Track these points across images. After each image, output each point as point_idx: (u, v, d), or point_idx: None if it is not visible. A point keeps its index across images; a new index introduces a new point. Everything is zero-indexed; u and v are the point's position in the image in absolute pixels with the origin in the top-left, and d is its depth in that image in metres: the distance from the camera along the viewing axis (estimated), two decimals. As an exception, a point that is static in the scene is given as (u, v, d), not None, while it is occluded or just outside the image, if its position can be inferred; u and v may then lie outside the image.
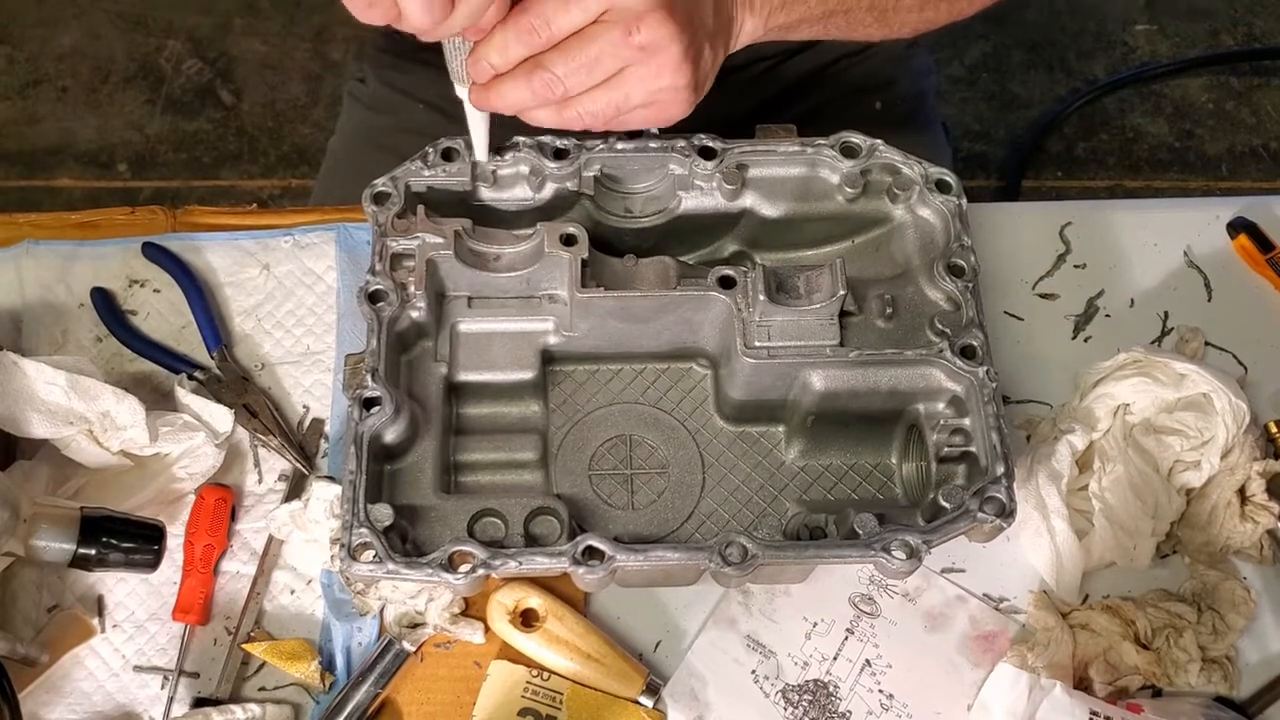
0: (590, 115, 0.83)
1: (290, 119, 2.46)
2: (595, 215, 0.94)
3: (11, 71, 2.49)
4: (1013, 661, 0.92)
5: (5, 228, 1.11)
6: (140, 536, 0.88)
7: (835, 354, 0.87)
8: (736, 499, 0.92)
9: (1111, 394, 1.00)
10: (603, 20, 0.79)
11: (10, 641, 0.86)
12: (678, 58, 0.81)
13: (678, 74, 0.81)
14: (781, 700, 0.93)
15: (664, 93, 0.82)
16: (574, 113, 0.83)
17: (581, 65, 0.80)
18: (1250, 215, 1.13)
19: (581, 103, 0.82)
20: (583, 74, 0.80)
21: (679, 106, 0.84)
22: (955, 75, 2.52)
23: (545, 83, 0.80)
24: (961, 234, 0.91)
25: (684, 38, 0.80)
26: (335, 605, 0.94)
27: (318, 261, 1.10)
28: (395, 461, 0.86)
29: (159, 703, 0.92)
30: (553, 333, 0.93)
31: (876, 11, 0.98)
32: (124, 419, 0.93)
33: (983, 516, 0.81)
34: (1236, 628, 0.94)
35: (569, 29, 0.79)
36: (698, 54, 0.83)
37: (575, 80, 0.80)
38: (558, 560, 0.79)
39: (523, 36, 0.79)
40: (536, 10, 0.78)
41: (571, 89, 0.81)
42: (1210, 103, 2.51)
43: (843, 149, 0.93)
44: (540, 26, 0.78)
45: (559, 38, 0.79)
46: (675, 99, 0.83)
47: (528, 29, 0.78)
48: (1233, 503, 0.97)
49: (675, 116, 0.86)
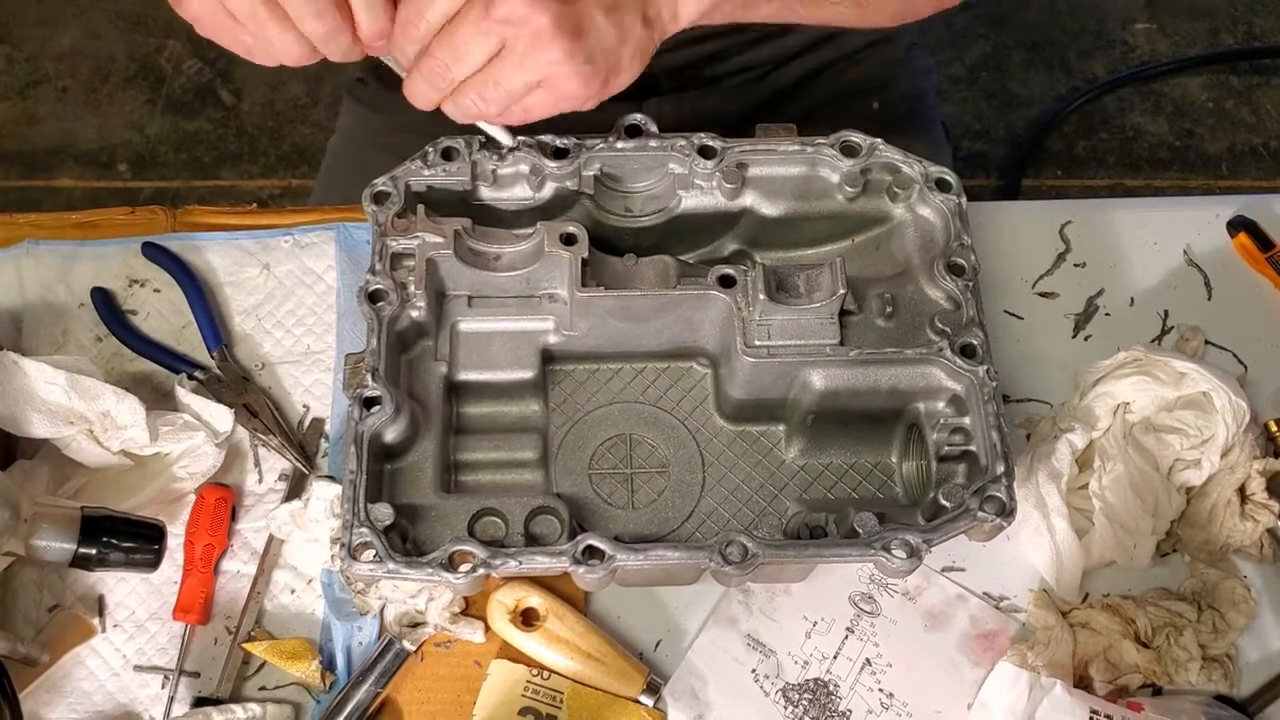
0: (484, 101, 0.80)
1: (290, 119, 2.46)
2: (595, 214, 0.94)
3: (11, 71, 2.49)
4: (1013, 660, 0.92)
5: (5, 228, 1.11)
6: (140, 536, 0.88)
7: (835, 353, 0.87)
8: (736, 498, 0.92)
9: (1111, 393, 1.00)
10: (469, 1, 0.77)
11: (11, 641, 0.86)
12: (548, 28, 0.76)
13: (553, 46, 0.77)
14: (782, 699, 0.93)
15: (550, 67, 0.78)
16: (468, 100, 0.80)
17: (455, 50, 0.77)
18: (1250, 214, 1.13)
19: (472, 88, 0.79)
20: (460, 59, 0.78)
21: (570, 83, 0.79)
22: (955, 75, 2.52)
23: (432, 71, 0.79)
24: (961, 233, 0.91)
25: (550, 7, 0.76)
26: (335, 605, 0.94)
27: (318, 261, 1.10)
28: (395, 461, 0.86)
29: (159, 702, 0.92)
30: (553, 332, 0.93)
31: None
32: (124, 419, 0.93)
33: (983, 515, 0.81)
34: (1237, 626, 0.94)
35: (442, 17, 0.77)
36: (575, 24, 0.77)
37: (457, 67, 0.78)
38: (558, 560, 0.79)
39: (406, 31, 0.78)
40: (411, 3, 0.77)
41: (456, 75, 0.79)
42: (1210, 101, 2.51)
43: (843, 148, 0.93)
44: (415, 19, 0.77)
45: (437, 26, 0.78)
46: (565, 73, 0.78)
47: (405, 23, 0.78)
48: (1233, 501, 0.97)
49: (578, 95, 0.81)
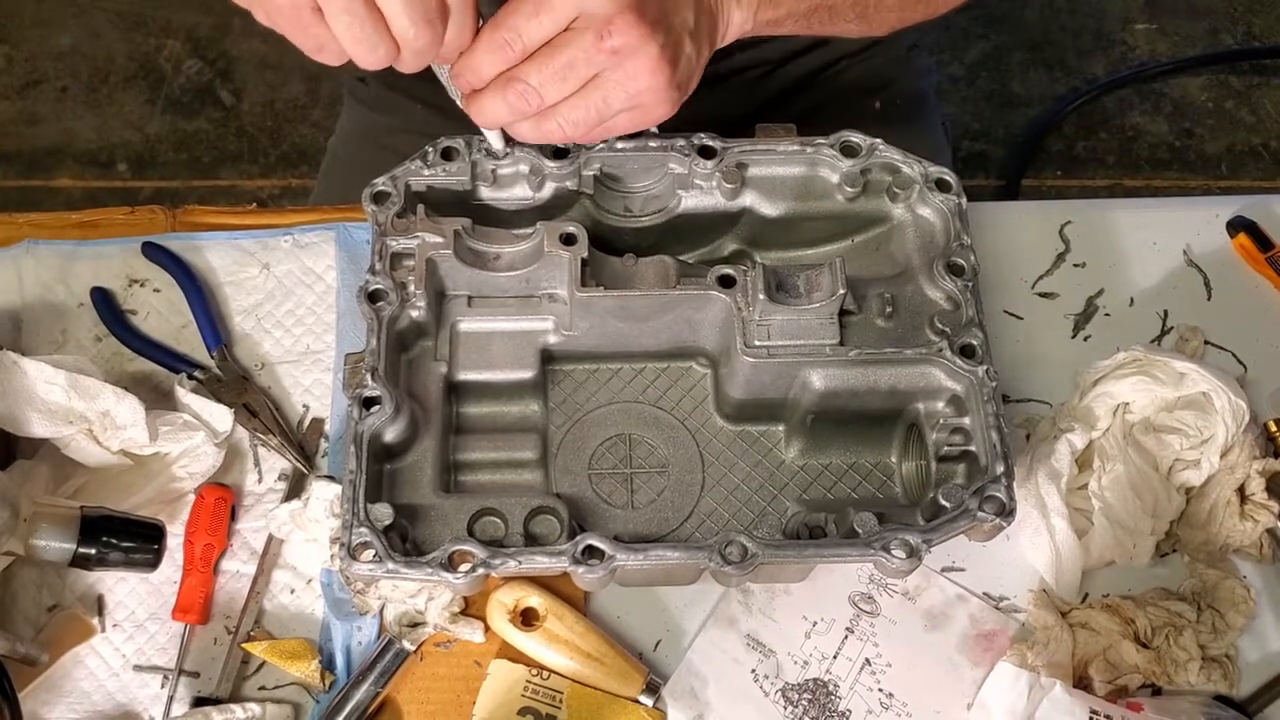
0: (571, 124, 0.81)
1: (290, 119, 2.46)
2: (595, 214, 0.94)
3: (11, 71, 2.49)
4: (1012, 660, 0.92)
5: (5, 228, 1.11)
6: (140, 536, 0.88)
7: (835, 353, 0.87)
8: (736, 498, 0.92)
9: (1111, 393, 1.00)
10: (574, 27, 0.78)
11: (10, 641, 0.86)
12: (654, 59, 0.79)
13: (655, 75, 0.80)
14: (781, 699, 0.93)
15: (644, 95, 0.81)
16: (554, 124, 0.81)
17: (554, 74, 0.78)
18: (1250, 214, 1.14)
19: (560, 112, 0.81)
20: (557, 83, 0.79)
21: (662, 108, 0.83)
22: (955, 75, 2.53)
23: (520, 94, 0.79)
24: (961, 233, 0.91)
25: (658, 37, 0.79)
26: (335, 604, 0.94)
27: (317, 261, 1.10)
28: (395, 461, 0.86)
29: (159, 702, 0.92)
30: (552, 332, 0.93)
31: (859, 9, 0.97)
32: (124, 418, 0.93)
33: (982, 515, 0.81)
34: (1236, 626, 0.94)
35: (540, 39, 0.78)
36: (675, 52, 0.81)
37: (551, 90, 0.79)
38: (558, 559, 0.79)
39: (495, 52, 0.78)
40: (508, 24, 0.77)
41: (548, 99, 0.80)
42: (1210, 102, 2.51)
43: (842, 148, 0.93)
44: (512, 40, 0.77)
45: (531, 49, 0.78)
46: (657, 100, 0.82)
47: (500, 44, 0.78)
48: (1232, 501, 0.97)
49: (660, 118, 0.84)
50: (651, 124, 0.86)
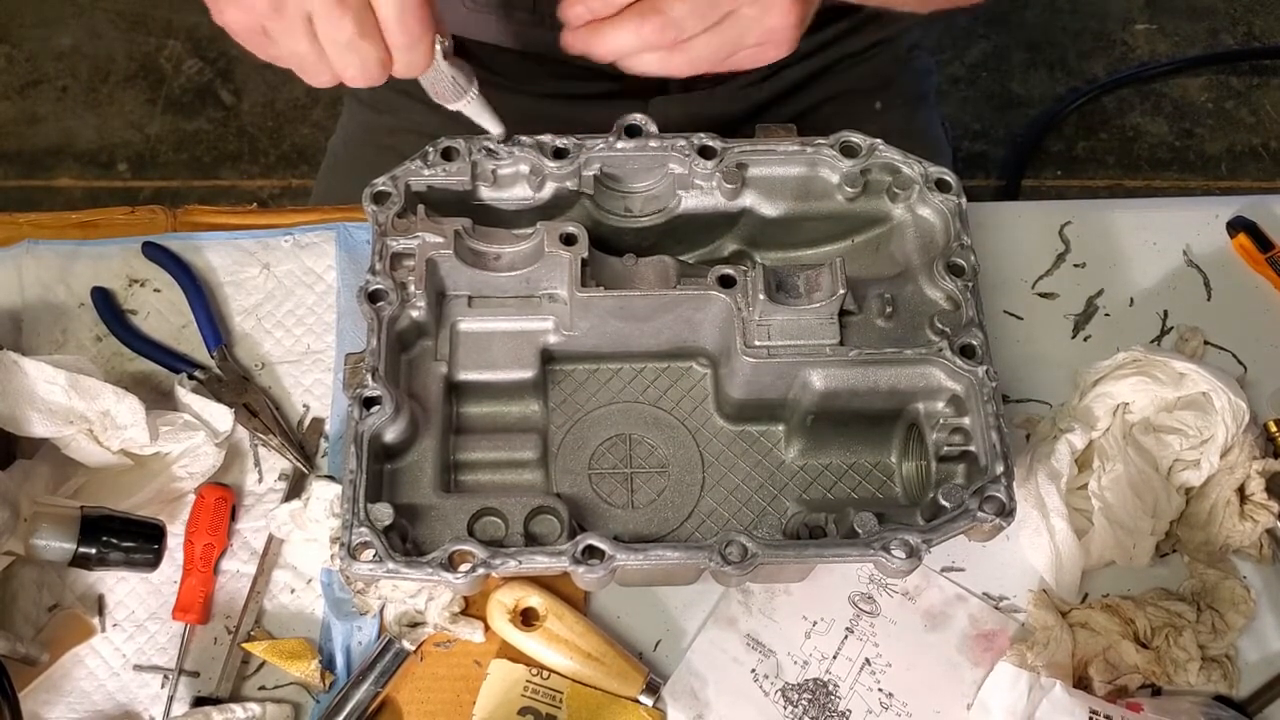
0: (700, 60, 0.81)
1: (290, 119, 2.46)
2: (595, 214, 0.94)
3: (11, 71, 2.49)
4: (1012, 660, 0.92)
5: (5, 228, 1.11)
6: (140, 535, 0.88)
7: (835, 353, 0.87)
8: (736, 498, 0.92)
9: (1111, 393, 1.00)
10: None
11: (10, 641, 0.86)
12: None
13: (789, 14, 0.80)
14: (781, 699, 0.93)
15: (774, 32, 0.81)
16: (685, 58, 0.80)
17: (699, 6, 0.77)
18: (1250, 214, 1.14)
19: (694, 46, 0.80)
20: (698, 17, 0.78)
21: (786, 46, 0.83)
22: (955, 75, 2.53)
23: (658, 26, 0.78)
24: (961, 233, 0.91)
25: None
26: (335, 604, 0.94)
27: (318, 261, 1.10)
28: (395, 461, 0.86)
29: (159, 702, 0.92)
30: (552, 332, 0.93)
31: None
32: (124, 418, 0.93)
33: (982, 515, 0.81)
34: (1236, 626, 0.94)
35: None
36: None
37: (691, 24, 0.78)
38: (558, 559, 0.79)
39: None
40: None
41: (686, 31, 0.79)
42: (1210, 102, 2.51)
43: (842, 148, 0.93)
44: None
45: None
46: (784, 38, 0.82)
47: None
48: (1232, 501, 0.97)
49: (779, 56, 0.84)
50: (767, 62, 0.85)
